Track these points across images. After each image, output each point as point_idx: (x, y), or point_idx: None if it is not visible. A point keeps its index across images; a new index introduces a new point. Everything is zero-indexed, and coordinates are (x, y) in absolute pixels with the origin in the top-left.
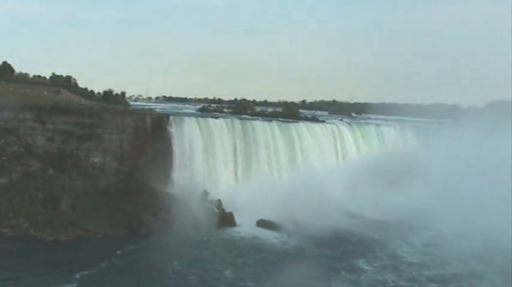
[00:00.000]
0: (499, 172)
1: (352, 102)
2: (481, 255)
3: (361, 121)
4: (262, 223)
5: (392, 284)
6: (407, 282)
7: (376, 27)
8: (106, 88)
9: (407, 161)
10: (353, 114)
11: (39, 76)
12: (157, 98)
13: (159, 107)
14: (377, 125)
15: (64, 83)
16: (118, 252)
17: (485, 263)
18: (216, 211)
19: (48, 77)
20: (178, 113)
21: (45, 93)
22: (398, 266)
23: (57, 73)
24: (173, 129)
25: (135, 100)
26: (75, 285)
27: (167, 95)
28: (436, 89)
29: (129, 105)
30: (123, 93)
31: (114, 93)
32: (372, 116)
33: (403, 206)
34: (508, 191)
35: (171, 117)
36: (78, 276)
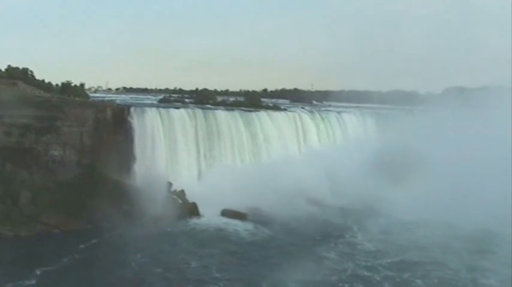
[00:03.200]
0: (456, 157)
1: (313, 90)
2: (440, 243)
3: (322, 109)
4: (227, 213)
5: (350, 272)
6: (365, 270)
7: (336, 16)
8: (64, 80)
9: (367, 148)
10: (314, 102)
11: None
12: (117, 89)
13: (120, 98)
14: (338, 112)
15: (21, 75)
16: (80, 246)
17: (444, 251)
18: (180, 201)
19: (3, 70)
20: (139, 104)
21: (1, 86)
22: (357, 255)
23: (13, 65)
24: (134, 121)
25: (95, 92)
26: (34, 282)
27: (127, 86)
28: (395, 76)
29: (88, 97)
30: (82, 85)
31: (72, 85)
32: (333, 103)
33: (364, 192)
34: (466, 175)
35: (132, 109)
36: (38, 272)
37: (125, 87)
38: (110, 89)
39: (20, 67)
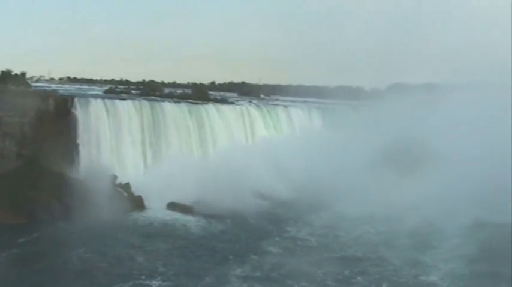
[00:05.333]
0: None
1: (261, 84)
2: (383, 238)
3: (270, 103)
4: (173, 206)
5: (292, 267)
6: (307, 265)
7: (286, 10)
8: (4, 69)
9: (314, 141)
10: (262, 96)
11: None
12: (60, 79)
13: (63, 88)
14: (285, 106)
15: None
16: (20, 240)
17: (387, 246)
18: (125, 194)
19: None
20: (83, 95)
21: None
22: (300, 249)
23: None
24: (78, 112)
25: (37, 81)
26: None
27: (72, 77)
28: (341, 72)
29: (30, 86)
30: (23, 74)
31: (13, 74)
32: (281, 97)
33: (312, 185)
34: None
35: (75, 99)
36: None
37: (69, 78)
38: (53, 79)
39: None
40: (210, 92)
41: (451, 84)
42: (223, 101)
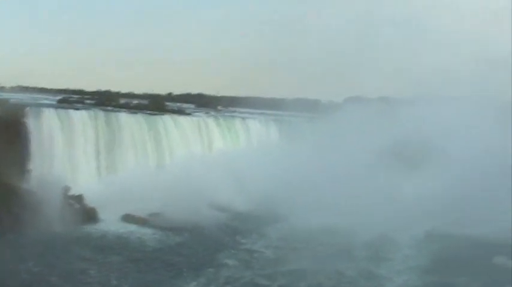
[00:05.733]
0: (357, 161)
1: (218, 95)
2: (339, 250)
3: (228, 114)
4: (128, 218)
5: (247, 280)
6: (262, 278)
7: (245, 21)
8: None
9: (272, 153)
10: (219, 108)
11: None
12: (12, 87)
13: (14, 97)
14: (243, 118)
15: None
16: None
17: (342, 258)
18: (78, 206)
19: None
20: (36, 104)
21: None
22: (255, 262)
23: None
24: (30, 122)
25: None
26: None
27: (24, 85)
28: (299, 85)
29: None
30: None
31: None
32: (238, 109)
33: (269, 197)
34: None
35: (27, 109)
36: None
37: (20, 86)
38: (3, 87)
39: None
40: (167, 103)
41: (405, 98)
42: (180, 112)
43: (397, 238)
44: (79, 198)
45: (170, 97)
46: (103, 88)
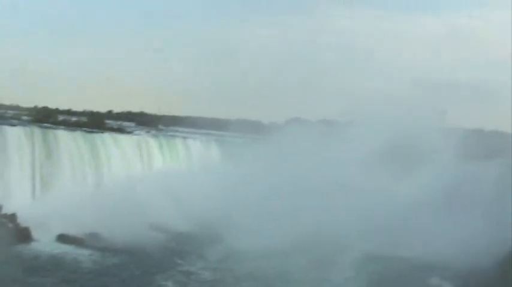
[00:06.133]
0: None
1: (160, 114)
2: (278, 272)
3: (168, 133)
4: (63, 238)
5: None
6: None
7: (188, 40)
8: None
9: (213, 173)
10: (161, 127)
11: None
12: None
13: None
14: (184, 138)
15: None
16: None
17: (281, 280)
18: (10, 225)
19: None
20: None
21: None
22: (193, 283)
23: None
24: None
25: None
26: None
27: None
28: (241, 106)
29: None
30: None
31: None
32: (180, 129)
33: (210, 217)
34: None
35: None
36: None
37: None
38: None
39: None
40: (107, 121)
41: (346, 121)
42: (120, 130)
43: (337, 260)
44: (12, 217)
45: (110, 115)
46: (40, 104)
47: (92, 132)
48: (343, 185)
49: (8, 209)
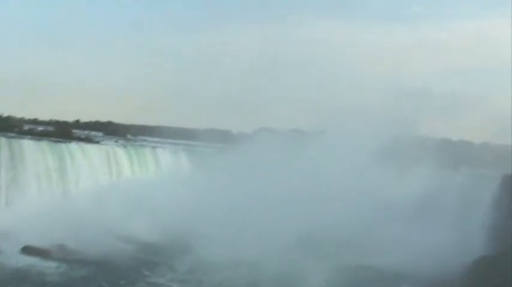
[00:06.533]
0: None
1: (128, 124)
2: (247, 283)
3: (137, 143)
4: (29, 250)
5: None
6: None
7: (154, 49)
8: None
9: (182, 183)
10: (129, 136)
11: None
12: None
13: None
14: (152, 147)
15: None
16: None
17: None
18: None
19: None
20: None
21: None
22: None
23: None
24: None
25: None
26: None
27: None
28: (210, 115)
29: None
30: None
31: None
32: (148, 138)
33: (179, 227)
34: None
35: None
36: None
37: None
38: None
39: None
40: (74, 131)
41: (316, 131)
42: (87, 139)
43: (308, 270)
44: None
45: (78, 124)
46: (5, 113)
47: (59, 142)
48: (312, 195)
49: None
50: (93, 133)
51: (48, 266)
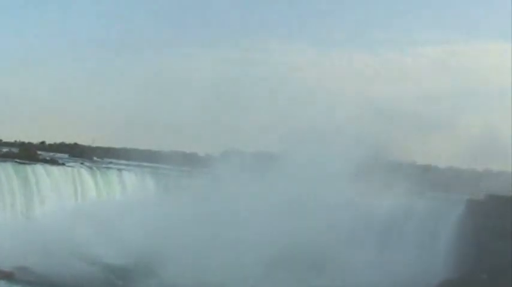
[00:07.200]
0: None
1: (94, 145)
2: None
3: (103, 165)
4: None
5: None
6: None
7: (122, 71)
8: None
9: (148, 205)
10: (95, 158)
11: None
12: None
13: None
14: (118, 169)
15: None
16: None
17: None
18: None
19: None
20: None
21: None
22: None
23: None
24: None
25: None
26: None
27: None
28: (176, 137)
29: None
30: None
31: None
32: (114, 160)
33: (144, 250)
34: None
35: None
36: None
37: None
38: None
39: None
40: (39, 152)
41: (281, 153)
42: (53, 161)
43: None
44: None
45: (43, 146)
46: None
47: (24, 163)
48: (278, 218)
49: None
50: (58, 155)
51: None
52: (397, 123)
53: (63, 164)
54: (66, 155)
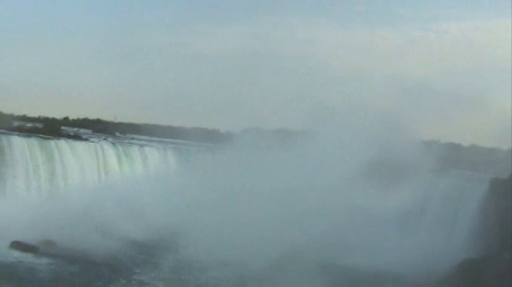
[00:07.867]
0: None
1: (116, 121)
2: (231, 283)
3: (125, 141)
4: (17, 246)
5: None
6: None
7: (142, 48)
8: None
9: (169, 181)
10: (117, 134)
11: None
12: None
13: None
14: (140, 145)
15: None
16: None
17: None
18: None
19: None
20: None
21: None
22: None
23: None
24: None
25: None
26: None
27: None
28: (197, 114)
29: None
30: None
31: None
32: (136, 136)
33: (166, 225)
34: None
35: None
36: None
37: None
38: None
39: None
40: (63, 128)
41: (303, 131)
42: (76, 137)
43: (292, 270)
44: None
45: (66, 122)
46: None
47: (48, 138)
48: (302, 195)
49: None
50: (81, 130)
51: (37, 263)
52: (423, 100)
53: (86, 139)
54: (89, 131)
